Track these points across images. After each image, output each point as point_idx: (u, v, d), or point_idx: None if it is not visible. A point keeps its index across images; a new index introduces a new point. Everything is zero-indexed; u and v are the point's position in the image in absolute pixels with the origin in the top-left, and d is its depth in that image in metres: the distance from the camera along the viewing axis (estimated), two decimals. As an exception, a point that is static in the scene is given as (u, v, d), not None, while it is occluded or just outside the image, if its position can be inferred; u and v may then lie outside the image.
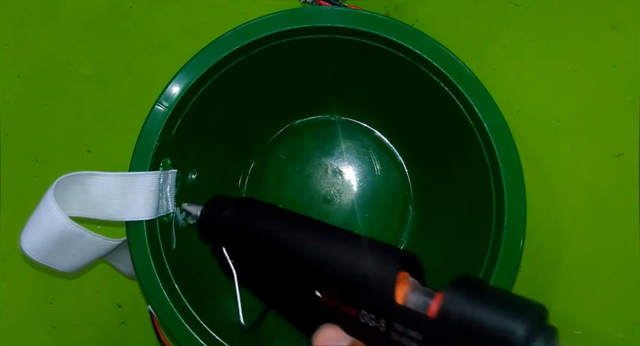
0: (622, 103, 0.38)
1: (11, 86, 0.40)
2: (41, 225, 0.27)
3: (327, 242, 0.23)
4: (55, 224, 0.27)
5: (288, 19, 0.30)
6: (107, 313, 0.39)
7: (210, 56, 0.30)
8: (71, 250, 0.28)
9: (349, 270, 0.21)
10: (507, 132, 0.30)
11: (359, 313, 0.21)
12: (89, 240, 0.28)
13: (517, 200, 0.29)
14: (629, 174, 0.38)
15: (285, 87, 0.37)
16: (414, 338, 0.19)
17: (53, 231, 0.27)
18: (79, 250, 0.28)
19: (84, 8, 0.41)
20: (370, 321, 0.20)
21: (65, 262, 0.28)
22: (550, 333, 0.17)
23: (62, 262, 0.28)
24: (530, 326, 0.17)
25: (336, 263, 0.22)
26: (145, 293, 0.29)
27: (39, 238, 0.27)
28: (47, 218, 0.27)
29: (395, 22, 0.30)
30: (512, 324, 0.17)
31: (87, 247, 0.28)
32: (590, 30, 0.39)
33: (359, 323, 0.21)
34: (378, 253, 0.21)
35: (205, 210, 0.29)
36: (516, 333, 0.17)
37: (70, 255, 0.28)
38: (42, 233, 0.27)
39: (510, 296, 0.18)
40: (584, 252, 0.38)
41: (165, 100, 0.30)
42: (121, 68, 0.40)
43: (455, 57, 0.30)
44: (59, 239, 0.27)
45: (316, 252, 0.23)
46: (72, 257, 0.28)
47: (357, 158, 0.39)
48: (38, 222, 0.27)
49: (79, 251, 0.28)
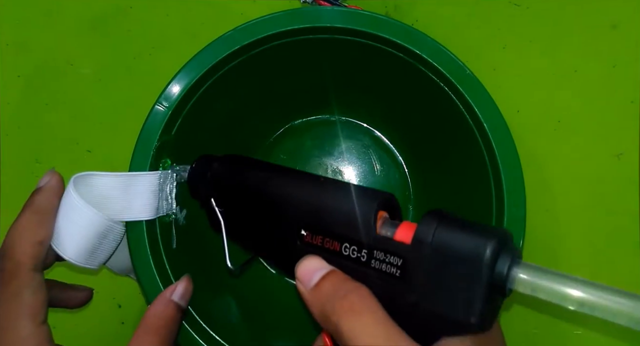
0: (622, 103, 0.38)
1: (11, 86, 0.40)
2: (77, 227, 0.27)
3: (316, 183, 0.26)
4: (93, 222, 0.27)
5: (288, 19, 0.30)
6: (107, 313, 0.39)
7: (210, 56, 0.30)
8: (104, 246, 0.28)
9: (336, 206, 0.24)
10: (507, 132, 0.30)
11: (342, 247, 0.23)
12: (118, 232, 0.29)
13: (517, 200, 0.29)
14: (629, 174, 0.38)
15: (285, 87, 0.37)
16: (393, 264, 0.21)
17: (92, 229, 0.27)
18: (109, 243, 0.28)
19: (84, 8, 0.41)
20: (353, 252, 0.23)
21: (100, 258, 0.29)
22: (514, 252, 0.20)
23: (96, 260, 0.28)
24: (496, 245, 0.19)
25: (324, 201, 0.24)
26: (145, 293, 0.29)
27: (79, 241, 0.27)
28: (81, 218, 0.27)
29: (395, 22, 0.30)
30: (481, 243, 0.19)
31: (116, 238, 0.29)
32: (590, 30, 0.39)
33: (342, 255, 0.23)
34: (361, 192, 0.24)
35: (195, 165, 0.31)
36: (484, 250, 0.19)
37: (102, 251, 0.28)
38: (81, 235, 0.27)
39: (478, 223, 0.20)
40: (584, 251, 0.38)
41: (165, 100, 0.30)
42: (121, 68, 0.40)
43: (455, 57, 0.30)
44: (97, 236, 0.27)
45: (305, 191, 0.25)
46: (103, 252, 0.28)
47: (357, 158, 0.39)
48: (72, 225, 0.27)
49: (108, 244, 0.28)
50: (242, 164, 0.30)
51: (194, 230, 0.33)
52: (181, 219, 0.32)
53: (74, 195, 0.26)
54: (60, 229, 0.27)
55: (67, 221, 0.27)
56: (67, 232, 0.27)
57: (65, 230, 0.27)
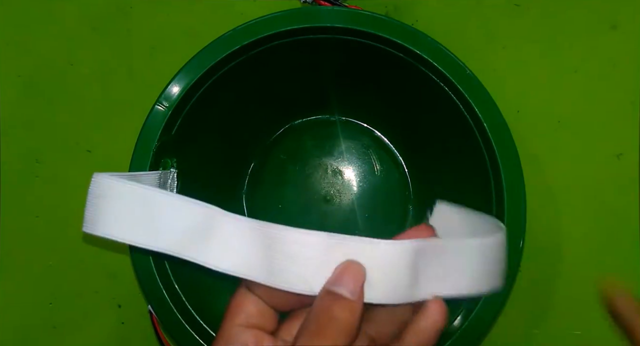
0: (622, 103, 0.38)
1: (11, 86, 0.40)
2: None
3: None
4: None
5: (288, 19, 0.30)
6: (107, 313, 0.39)
7: (210, 56, 0.30)
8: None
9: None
10: (507, 132, 0.30)
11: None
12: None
13: (517, 200, 0.29)
14: (629, 174, 0.38)
15: (285, 87, 0.37)
16: None
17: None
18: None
19: (84, 8, 0.41)
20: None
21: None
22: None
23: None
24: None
25: None
26: (145, 293, 0.29)
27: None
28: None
29: (395, 22, 0.30)
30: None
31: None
32: (590, 30, 0.39)
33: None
34: None
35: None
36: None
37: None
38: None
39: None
40: (584, 251, 0.38)
41: (165, 100, 0.30)
42: (121, 68, 0.40)
43: (455, 57, 0.30)
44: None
45: None
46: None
47: (357, 158, 0.39)
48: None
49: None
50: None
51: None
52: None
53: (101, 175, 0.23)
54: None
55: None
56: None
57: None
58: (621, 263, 0.37)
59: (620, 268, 0.37)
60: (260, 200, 0.39)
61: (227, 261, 0.22)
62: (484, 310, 0.29)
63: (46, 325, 0.39)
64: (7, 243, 0.39)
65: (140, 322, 0.38)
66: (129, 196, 0.23)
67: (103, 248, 0.39)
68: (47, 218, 0.39)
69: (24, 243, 0.39)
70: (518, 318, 0.37)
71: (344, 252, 0.21)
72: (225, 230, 0.23)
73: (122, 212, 0.23)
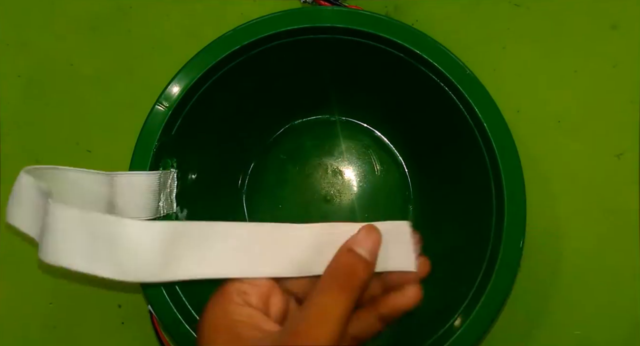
0: (622, 103, 0.38)
1: (11, 86, 0.40)
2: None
3: None
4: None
5: (288, 19, 0.30)
6: (107, 313, 0.39)
7: (210, 56, 0.30)
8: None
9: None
10: (507, 132, 0.30)
11: None
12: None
13: (517, 200, 0.29)
14: (629, 174, 0.38)
15: (285, 87, 0.37)
16: None
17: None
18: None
19: (84, 8, 0.41)
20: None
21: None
22: None
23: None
24: None
25: None
26: (145, 293, 0.29)
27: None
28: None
29: (395, 22, 0.30)
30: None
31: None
32: (590, 30, 0.39)
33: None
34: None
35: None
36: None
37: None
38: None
39: None
40: (584, 252, 0.38)
41: (165, 100, 0.30)
42: (121, 68, 0.40)
43: (455, 57, 0.30)
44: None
45: None
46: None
47: (357, 158, 0.39)
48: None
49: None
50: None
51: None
52: (182, 219, 0.32)
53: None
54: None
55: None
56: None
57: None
58: (621, 263, 0.37)
59: (620, 268, 0.37)
60: (260, 200, 0.39)
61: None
62: (484, 310, 0.29)
63: (46, 325, 0.39)
64: (7, 243, 0.39)
65: (140, 322, 0.38)
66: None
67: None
68: (47, 218, 0.39)
69: (24, 243, 0.39)
70: (518, 318, 0.37)
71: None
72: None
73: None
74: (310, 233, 0.26)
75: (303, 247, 0.25)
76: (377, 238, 0.25)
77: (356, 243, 0.24)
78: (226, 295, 0.24)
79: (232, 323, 0.23)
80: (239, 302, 0.24)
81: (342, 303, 0.22)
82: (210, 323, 0.23)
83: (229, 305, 0.24)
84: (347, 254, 0.24)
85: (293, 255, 0.25)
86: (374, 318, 0.26)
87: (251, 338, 0.22)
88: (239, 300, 0.24)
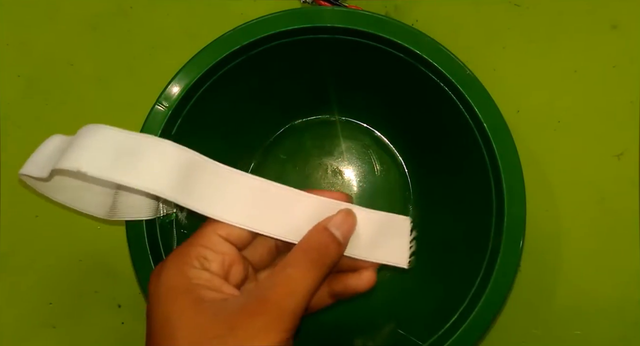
0: (622, 103, 0.38)
1: (11, 86, 0.40)
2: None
3: None
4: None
5: (288, 19, 0.30)
6: (107, 313, 0.39)
7: (210, 56, 0.30)
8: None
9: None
10: (507, 132, 0.30)
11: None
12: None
13: (517, 200, 0.29)
14: (629, 174, 0.38)
15: (285, 87, 0.37)
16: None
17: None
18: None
19: (84, 8, 0.41)
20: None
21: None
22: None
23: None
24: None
25: None
26: (145, 293, 0.29)
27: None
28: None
29: (395, 22, 0.30)
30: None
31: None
32: (590, 30, 0.39)
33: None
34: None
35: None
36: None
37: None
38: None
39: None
40: (584, 251, 0.38)
41: (165, 100, 0.30)
42: (121, 68, 0.40)
43: (455, 57, 0.30)
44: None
45: None
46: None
47: (357, 158, 0.39)
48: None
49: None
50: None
51: (196, 230, 0.33)
52: (182, 219, 0.32)
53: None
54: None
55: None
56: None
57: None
58: (621, 263, 0.37)
59: (620, 268, 0.37)
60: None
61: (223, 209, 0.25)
62: (484, 310, 0.29)
63: (46, 325, 0.39)
64: (7, 243, 0.39)
65: (140, 322, 0.38)
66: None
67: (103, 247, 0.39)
68: (47, 218, 0.39)
69: (24, 243, 0.39)
70: (518, 318, 0.37)
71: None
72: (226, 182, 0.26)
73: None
74: (314, 203, 0.26)
75: (303, 213, 0.26)
76: (353, 223, 0.26)
77: (333, 224, 0.25)
78: (185, 259, 0.24)
79: (191, 286, 0.23)
80: (197, 266, 0.24)
81: (310, 278, 0.23)
82: (167, 286, 0.23)
83: (188, 269, 0.23)
84: (322, 232, 0.25)
85: (293, 219, 0.26)
86: (326, 293, 0.27)
87: (213, 300, 0.22)
88: (197, 265, 0.24)
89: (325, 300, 0.28)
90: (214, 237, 0.25)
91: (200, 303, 0.22)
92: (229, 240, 0.25)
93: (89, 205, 0.29)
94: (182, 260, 0.24)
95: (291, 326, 0.22)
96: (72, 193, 0.28)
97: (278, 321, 0.22)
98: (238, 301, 0.22)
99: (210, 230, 0.25)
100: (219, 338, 0.21)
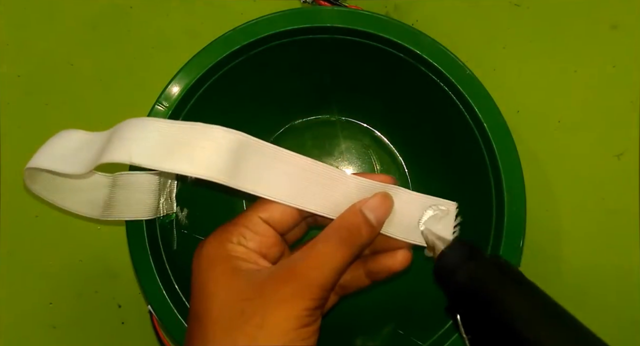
0: (622, 103, 0.38)
1: (11, 86, 0.40)
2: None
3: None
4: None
5: (288, 19, 0.30)
6: (107, 313, 0.39)
7: (210, 56, 0.30)
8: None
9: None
10: (507, 132, 0.30)
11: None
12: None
13: (517, 200, 0.29)
14: (629, 174, 0.38)
15: (285, 87, 0.37)
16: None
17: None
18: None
19: (84, 8, 0.41)
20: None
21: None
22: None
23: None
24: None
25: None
26: (145, 293, 0.29)
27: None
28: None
29: (395, 22, 0.30)
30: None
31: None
32: (590, 30, 0.39)
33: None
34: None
35: (446, 252, 0.26)
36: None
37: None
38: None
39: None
40: (584, 251, 0.38)
41: (165, 100, 0.30)
42: (121, 68, 0.40)
43: (455, 57, 0.30)
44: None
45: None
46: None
47: (357, 158, 0.39)
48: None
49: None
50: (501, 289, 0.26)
51: (196, 230, 0.33)
52: (182, 219, 0.32)
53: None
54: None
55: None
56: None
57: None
58: (621, 263, 0.37)
59: (620, 268, 0.37)
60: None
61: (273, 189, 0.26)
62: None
63: (46, 325, 0.39)
64: (7, 243, 0.39)
65: (140, 322, 0.38)
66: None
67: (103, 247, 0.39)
68: (47, 218, 0.39)
69: (24, 243, 0.39)
70: (518, 318, 0.37)
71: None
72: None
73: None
74: (357, 183, 0.27)
75: (345, 193, 0.27)
76: (388, 206, 0.27)
77: (367, 206, 0.26)
78: (226, 235, 0.25)
79: (229, 256, 0.25)
80: (234, 242, 0.25)
81: (339, 255, 0.24)
82: (207, 256, 0.25)
83: (227, 244, 0.25)
84: (355, 214, 0.26)
85: (335, 198, 0.26)
86: (363, 274, 0.28)
87: (247, 269, 0.24)
88: (235, 241, 0.25)
89: (362, 281, 0.28)
90: (255, 218, 0.26)
91: (235, 271, 0.24)
92: (268, 222, 0.26)
93: (81, 205, 0.29)
94: (223, 235, 0.26)
95: (318, 297, 0.23)
96: (64, 193, 0.29)
97: (305, 291, 0.23)
98: (270, 270, 0.24)
99: (252, 212, 0.26)
100: (249, 301, 0.23)
